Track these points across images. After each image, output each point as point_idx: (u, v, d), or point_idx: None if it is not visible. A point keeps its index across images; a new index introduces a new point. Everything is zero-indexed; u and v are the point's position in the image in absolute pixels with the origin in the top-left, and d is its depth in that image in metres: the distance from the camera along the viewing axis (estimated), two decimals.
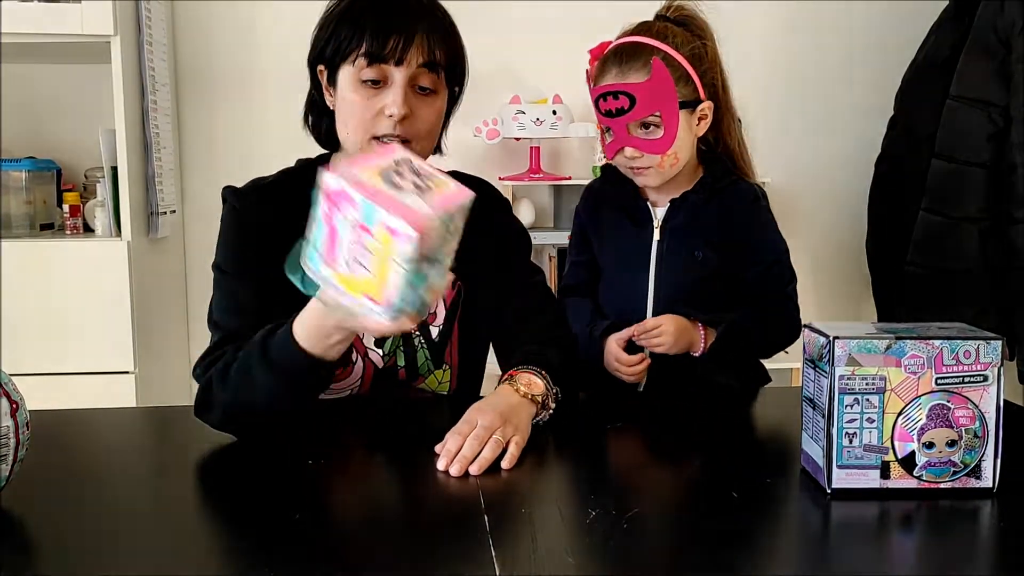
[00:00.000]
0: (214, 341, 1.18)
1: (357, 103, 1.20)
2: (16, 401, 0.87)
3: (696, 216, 1.39)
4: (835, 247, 2.89)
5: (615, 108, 1.33)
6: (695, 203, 1.39)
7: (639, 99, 1.32)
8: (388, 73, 1.19)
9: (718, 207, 1.39)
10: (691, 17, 1.40)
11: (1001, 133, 2.29)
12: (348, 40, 1.19)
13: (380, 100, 1.19)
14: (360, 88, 1.19)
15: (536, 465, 1.05)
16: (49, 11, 2.13)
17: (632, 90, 1.31)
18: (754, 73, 2.78)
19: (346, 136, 1.23)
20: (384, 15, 1.19)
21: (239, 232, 1.25)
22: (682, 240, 1.39)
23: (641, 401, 1.29)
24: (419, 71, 1.19)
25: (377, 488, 1.00)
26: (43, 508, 0.89)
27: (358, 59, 1.18)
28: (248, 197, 1.26)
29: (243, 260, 1.23)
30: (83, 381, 2.21)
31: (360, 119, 1.20)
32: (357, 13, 1.20)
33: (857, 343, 0.89)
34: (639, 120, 1.33)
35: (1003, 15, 2.28)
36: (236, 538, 0.84)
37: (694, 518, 0.88)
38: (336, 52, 1.20)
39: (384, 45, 1.18)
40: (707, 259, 1.38)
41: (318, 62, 1.25)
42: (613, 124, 1.35)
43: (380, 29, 1.18)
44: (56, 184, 2.45)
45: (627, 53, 1.34)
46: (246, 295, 1.20)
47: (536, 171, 2.61)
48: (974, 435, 0.90)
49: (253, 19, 2.61)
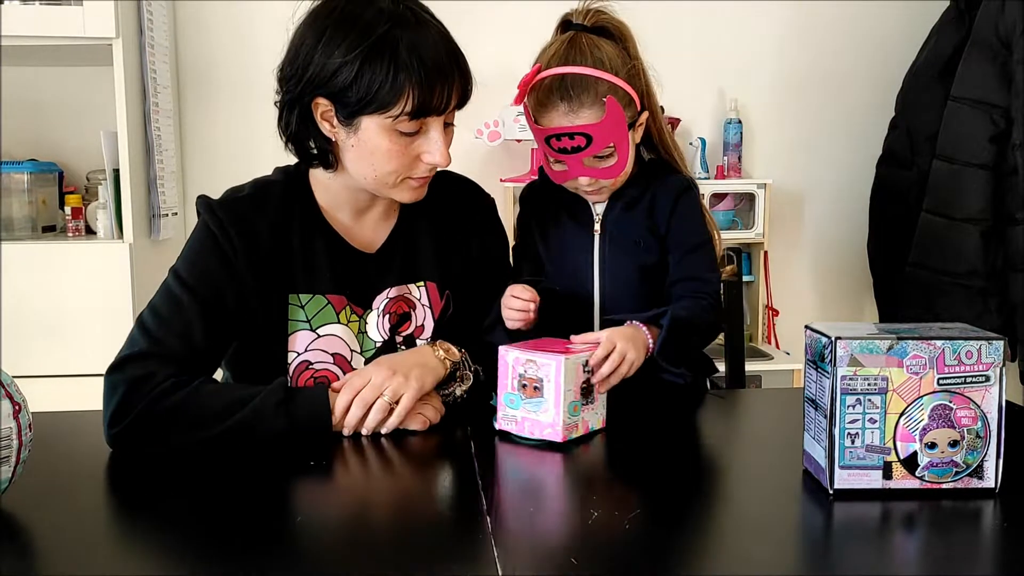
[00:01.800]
0: (140, 349, 1.11)
1: (394, 152, 1.15)
2: (19, 403, 0.87)
3: (633, 208, 1.40)
4: (836, 248, 2.89)
5: (570, 147, 1.30)
6: (632, 196, 1.39)
7: (596, 137, 1.29)
8: (425, 122, 1.15)
9: (651, 198, 1.39)
10: (609, 22, 1.35)
11: (1002, 134, 2.29)
12: (386, 91, 1.10)
13: (417, 147, 1.16)
14: (394, 137, 1.14)
15: (537, 465, 1.05)
16: (51, 14, 2.13)
17: (587, 130, 1.28)
18: (756, 75, 2.78)
19: (371, 176, 1.18)
20: (429, 66, 1.11)
21: (208, 245, 1.19)
22: (623, 231, 1.39)
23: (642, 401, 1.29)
24: (451, 113, 1.18)
25: (379, 489, 1.00)
26: (45, 509, 0.89)
27: (400, 115, 1.11)
28: (221, 217, 1.19)
29: (206, 285, 1.17)
30: (85, 383, 2.20)
31: (398, 165, 1.16)
32: (395, 61, 1.09)
33: (859, 343, 0.89)
34: (594, 154, 1.31)
35: (1004, 16, 2.28)
36: (238, 539, 0.84)
37: (696, 519, 0.88)
38: (365, 101, 1.11)
39: (430, 100, 1.12)
40: (648, 246, 1.38)
41: (319, 93, 1.14)
42: (567, 158, 1.32)
43: (426, 81, 1.10)
44: (58, 186, 2.45)
45: (574, 88, 1.28)
46: (198, 324, 1.15)
47: (537, 173, 2.61)
48: (976, 435, 0.90)
49: (254, 22, 2.62)
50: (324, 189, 1.26)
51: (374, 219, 1.29)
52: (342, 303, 1.24)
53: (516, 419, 1.10)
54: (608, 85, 1.29)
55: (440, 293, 1.30)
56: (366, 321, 1.25)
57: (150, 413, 1.06)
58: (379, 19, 1.10)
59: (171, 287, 1.18)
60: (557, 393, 1.07)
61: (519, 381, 1.09)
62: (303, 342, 1.22)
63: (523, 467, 1.05)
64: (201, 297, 1.16)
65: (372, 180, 1.19)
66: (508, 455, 1.07)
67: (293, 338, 1.22)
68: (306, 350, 1.22)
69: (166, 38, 2.45)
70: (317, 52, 1.12)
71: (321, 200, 1.26)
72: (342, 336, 1.23)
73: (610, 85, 1.29)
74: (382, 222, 1.30)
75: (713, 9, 2.73)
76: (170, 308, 1.16)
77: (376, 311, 1.26)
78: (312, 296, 1.22)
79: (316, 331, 1.22)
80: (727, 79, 2.75)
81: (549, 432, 1.08)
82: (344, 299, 1.24)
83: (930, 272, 2.41)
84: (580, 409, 1.10)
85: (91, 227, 2.36)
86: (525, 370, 1.08)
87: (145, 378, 1.09)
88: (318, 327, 1.22)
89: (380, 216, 1.30)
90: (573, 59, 1.31)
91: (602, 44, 1.33)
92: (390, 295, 1.27)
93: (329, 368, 1.23)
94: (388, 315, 1.26)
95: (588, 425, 1.12)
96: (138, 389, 1.08)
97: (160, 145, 2.35)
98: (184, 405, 1.07)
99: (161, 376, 1.09)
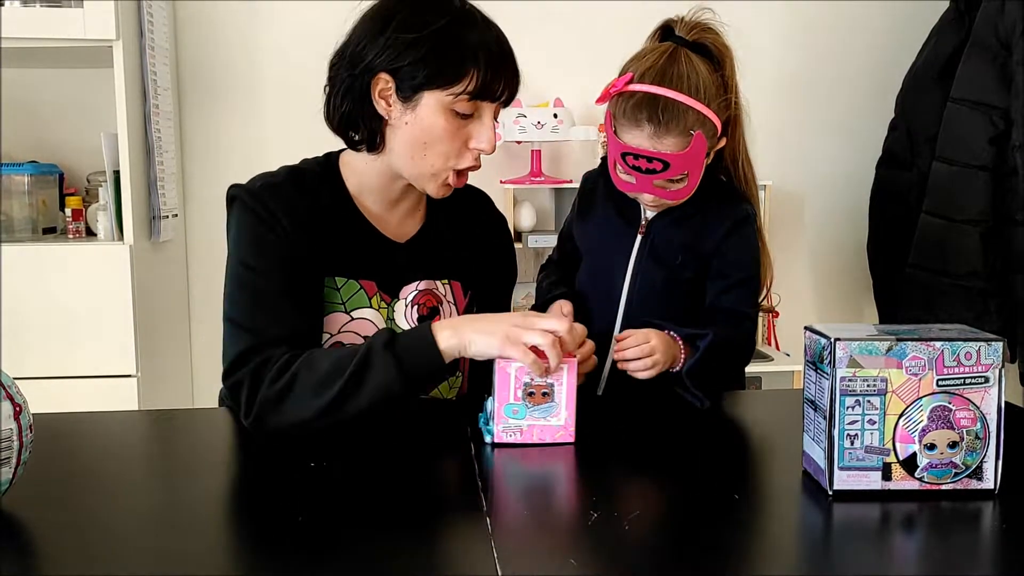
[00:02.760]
0: (248, 344, 1.14)
1: (447, 131, 1.18)
2: (19, 404, 0.87)
3: (682, 223, 1.37)
4: (836, 249, 2.89)
5: (645, 168, 1.27)
6: (684, 212, 1.37)
7: (673, 165, 1.26)
8: (479, 106, 1.20)
9: (703, 219, 1.37)
10: (713, 43, 1.31)
11: (1002, 136, 2.29)
12: (453, 70, 1.16)
13: (467, 132, 1.20)
14: (452, 117, 1.18)
15: (538, 467, 1.05)
16: (51, 16, 2.13)
17: (668, 158, 1.25)
18: (755, 76, 2.77)
19: (423, 159, 1.20)
20: (494, 53, 1.18)
21: (261, 230, 1.20)
22: (666, 243, 1.38)
23: (642, 403, 1.29)
24: (500, 105, 1.22)
25: (379, 490, 1.00)
26: (46, 511, 0.89)
27: (461, 94, 1.16)
28: (263, 196, 1.22)
29: (270, 257, 1.19)
30: (85, 384, 2.21)
31: (448, 148, 1.19)
32: (463, 43, 1.16)
33: (858, 345, 0.89)
34: (668, 178, 1.28)
35: (1004, 17, 2.28)
36: (239, 540, 0.84)
37: (696, 520, 0.88)
38: (431, 78, 1.16)
39: (491, 84, 1.17)
40: (686, 264, 1.36)
41: (382, 70, 1.18)
42: (638, 176, 1.29)
43: (491, 67, 1.17)
44: (58, 188, 2.45)
45: (664, 113, 1.24)
46: (284, 304, 1.17)
47: (537, 174, 2.61)
48: (975, 436, 0.90)
49: (255, 23, 2.62)
50: (357, 178, 1.29)
51: (403, 212, 1.32)
52: (373, 289, 1.26)
53: (521, 428, 1.10)
54: (698, 116, 1.25)
55: (464, 292, 1.34)
56: (394, 309, 1.28)
57: (274, 389, 1.09)
58: (452, 7, 1.18)
59: (241, 277, 1.20)
60: (570, 396, 1.09)
61: (525, 390, 1.09)
62: (337, 323, 1.24)
63: (523, 468, 1.05)
64: (275, 277, 1.18)
65: (418, 163, 1.21)
66: (508, 456, 1.07)
67: (328, 319, 1.24)
68: (339, 331, 1.24)
69: (166, 40, 2.45)
70: (389, 30, 1.16)
71: (352, 188, 1.29)
72: (373, 320, 1.26)
73: (701, 117, 1.26)
74: (409, 217, 1.33)
75: (712, 11, 2.73)
76: (251, 298, 1.18)
77: (404, 301, 1.28)
78: (347, 280, 1.25)
79: (350, 313, 1.25)
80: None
81: (561, 435, 1.09)
82: (375, 285, 1.26)
83: (930, 273, 2.41)
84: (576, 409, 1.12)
85: (91, 229, 2.36)
86: (532, 378, 1.09)
87: (263, 364, 1.12)
88: (352, 310, 1.25)
89: (408, 211, 1.33)
90: (670, 79, 1.26)
91: (700, 67, 1.28)
92: (419, 287, 1.29)
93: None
94: (417, 306, 1.29)
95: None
96: (260, 375, 1.11)
97: (160, 147, 2.36)
98: (300, 373, 1.10)
99: (276, 356, 1.12)
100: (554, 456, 1.08)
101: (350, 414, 1.08)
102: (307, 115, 2.52)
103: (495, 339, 1.08)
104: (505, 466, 1.05)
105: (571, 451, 1.11)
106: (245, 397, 1.11)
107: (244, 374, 1.12)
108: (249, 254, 1.20)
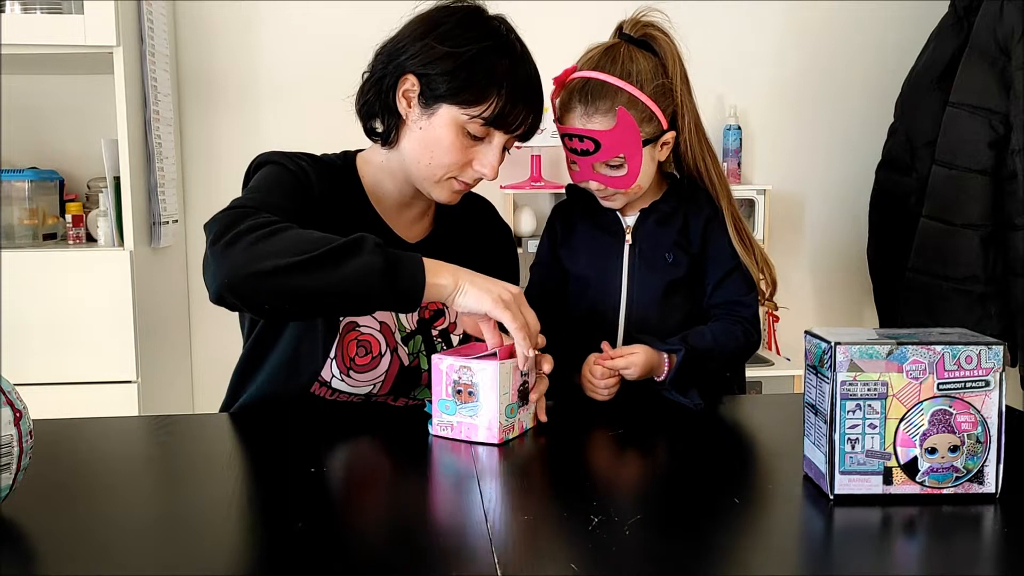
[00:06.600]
0: (241, 203, 1.12)
1: (454, 146, 1.21)
2: (19, 410, 0.87)
3: (665, 222, 1.41)
4: (836, 253, 2.89)
5: (580, 148, 1.33)
6: (664, 212, 1.41)
7: (604, 144, 1.31)
8: (492, 132, 1.22)
9: (684, 215, 1.41)
10: (656, 36, 1.37)
11: (1001, 140, 2.30)
12: (475, 93, 1.18)
13: (473, 152, 1.22)
14: (461, 134, 1.21)
15: (538, 471, 1.05)
16: (52, 22, 2.14)
17: (597, 136, 1.31)
18: (754, 80, 2.79)
19: (425, 163, 1.23)
20: (520, 87, 1.20)
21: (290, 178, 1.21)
22: (654, 244, 1.40)
23: (643, 407, 1.29)
24: (515, 138, 1.24)
25: (379, 495, 1.00)
26: (46, 517, 0.89)
27: (476, 116, 1.19)
28: (301, 158, 1.24)
29: (292, 193, 1.19)
30: (86, 390, 2.21)
31: (451, 161, 1.22)
32: (493, 70, 1.18)
33: (859, 348, 0.89)
34: (604, 160, 1.33)
35: (1003, 22, 2.28)
36: (238, 546, 0.84)
37: (696, 524, 0.88)
38: (453, 93, 1.19)
39: (508, 115, 1.20)
40: (678, 261, 1.39)
41: (412, 71, 1.20)
42: (578, 160, 1.35)
43: (513, 100, 1.19)
44: (59, 194, 2.45)
45: (592, 94, 1.31)
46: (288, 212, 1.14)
47: (537, 179, 2.61)
48: (976, 440, 0.90)
49: (255, 30, 2.62)
50: (371, 177, 1.31)
51: (413, 216, 1.35)
52: None
53: (452, 424, 1.12)
54: (628, 97, 1.31)
55: None
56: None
57: (253, 228, 1.05)
58: (495, 34, 1.21)
59: (252, 190, 1.19)
60: (491, 398, 1.10)
61: (454, 387, 1.12)
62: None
63: (523, 472, 1.05)
64: (290, 205, 1.16)
65: (422, 168, 1.24)
66: (508, 458, 1.07)
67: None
68: (343, 325, 1.25)
69: (166, 46, 2.46)
70: (430, 36, 1.19)
71: (367, 187, 1.31)
72: (376, 315, 1.27)
73: (630, 97, 1.31)
74: (418, 222, 1.36)
75: (712, 15, 2.73)
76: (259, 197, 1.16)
77: None
78: None
79: None
80: (726, 85, 2.75)
81: (486, 435, 1.11)
82: None
83: (930, 277, 2.41)
84: (516, 411, 1.14)
85: (92, 235, 2.36)
86: (459, 376, 1.11)
87: (253, 210, 1.10)
88: None
89: (418, 215, 1.36)
90: (603, 66, 1.33)
91: (639, 57, 1.34)
92: None
93: (374, 334, 1.27)
94: (421, 308, 1.28)
95: (523, 425, 1.16)
96: (245, 215, 1.08)
97: (161, 153, 2.36)
98: (287, 229, 1.07)
99: (264, 211, 1.10)
100: (554, 461, 1.08)
101: (314, 285, 1.02)
102: (307, 122, 2.54)
103: (488, 296, 1.09)
104: (505, 470, 1.05)
105: (570, 455, 1.11)
106: (221, 227, 1.07)
107: (229, 213, 1.09)
108: (271, 181, 1.20)
